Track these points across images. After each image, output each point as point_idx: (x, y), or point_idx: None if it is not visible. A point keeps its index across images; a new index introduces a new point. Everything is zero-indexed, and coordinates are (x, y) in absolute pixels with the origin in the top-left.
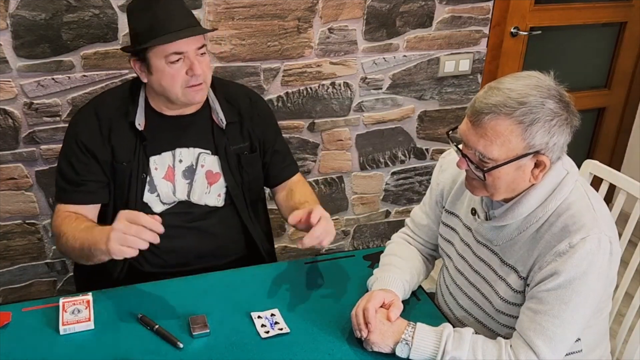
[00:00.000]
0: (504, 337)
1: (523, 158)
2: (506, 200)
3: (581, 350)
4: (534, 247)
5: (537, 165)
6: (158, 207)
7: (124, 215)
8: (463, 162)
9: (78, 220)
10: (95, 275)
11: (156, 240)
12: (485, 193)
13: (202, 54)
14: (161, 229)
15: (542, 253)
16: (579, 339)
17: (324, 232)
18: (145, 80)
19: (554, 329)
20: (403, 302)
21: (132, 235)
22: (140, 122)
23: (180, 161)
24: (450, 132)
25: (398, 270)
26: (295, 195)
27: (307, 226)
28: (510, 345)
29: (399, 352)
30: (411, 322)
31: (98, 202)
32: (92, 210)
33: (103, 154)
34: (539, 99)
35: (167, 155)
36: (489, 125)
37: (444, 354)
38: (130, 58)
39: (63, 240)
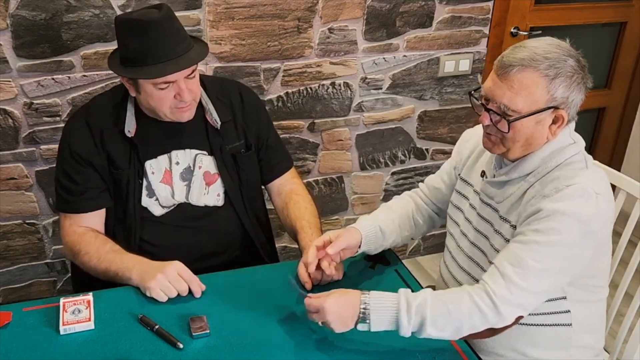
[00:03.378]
0: None
1: (544, 112)
2: (513, 160)
3: (571, 325)
4: (525, 196)
5: (554, 121)
6: (157, 211)
7: (178, 268)
8: (486, 117)
9: (99, 239)
10: (94, 277)
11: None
12: (503, 149)
13: (192, 76)
14: (199, 295)
15: (530, 199)
16: (569, 311)
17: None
18: (133, 95)
19: (523, 255)
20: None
21: (174, 287)
22: (130, 129)
23: (177, 163)
24: (473, 92)
25: (379, 218)
26: (291, 213)
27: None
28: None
29: (361, 328)
30: (364, 292)
31: (101, 207)
32: (99, 217)
33: (99, 161)
34: (561, 56)
35: (163, 159)
36: (515, 77)
37: (408, 307)
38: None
39: (85, 259)
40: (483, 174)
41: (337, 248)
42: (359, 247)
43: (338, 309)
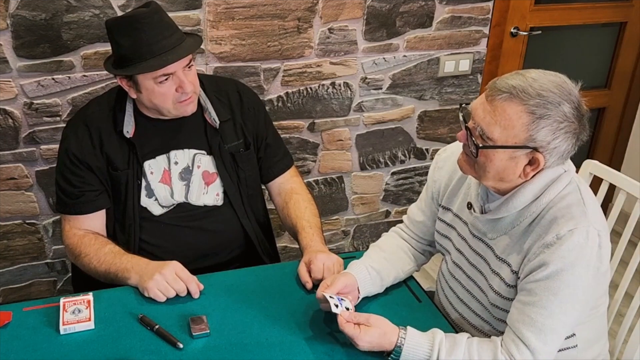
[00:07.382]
0: (502, 332)
1: (520, 149)
2: (502, 194)
3: (576, 346)
4: (525, 240)
5: (530, 162)
6: (157, 210)
7: (176, 268)
8: (463, 135)
9: (98, 240)
10: (94, 277)
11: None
12: (473, 173)
13: (189, 67)
14: (197, 296)
15: (531, 245)
16: (574, 334)
17: (326, 270)
18: (134, 97)
19: (543, 320)
20: (402, 300)
21: (172, 287)
22: (128, 130)
23: (176, 163)
24: (464, 104)
25: (368, 259)
26: (291, 212)
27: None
28: (502, 340)
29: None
30: (401, 328)
31: (99, 209)
32: (98, 218)
33: (97, 162)
34: (557, 98)
35: (161, 159)
36: (500, 105)
37: None
38: (117, 75)
39: (85, 261)
40: (470, 206)
41: (335, 290)
42: (359, 290)
43: (369, 346)
